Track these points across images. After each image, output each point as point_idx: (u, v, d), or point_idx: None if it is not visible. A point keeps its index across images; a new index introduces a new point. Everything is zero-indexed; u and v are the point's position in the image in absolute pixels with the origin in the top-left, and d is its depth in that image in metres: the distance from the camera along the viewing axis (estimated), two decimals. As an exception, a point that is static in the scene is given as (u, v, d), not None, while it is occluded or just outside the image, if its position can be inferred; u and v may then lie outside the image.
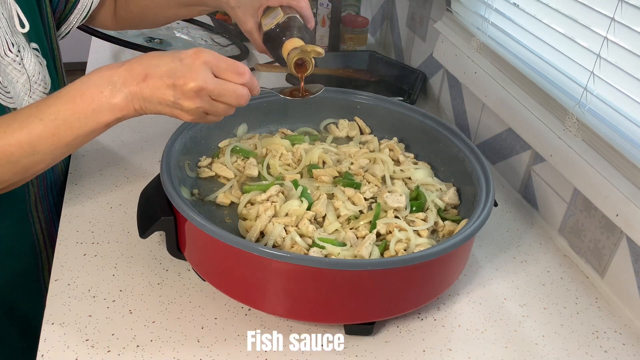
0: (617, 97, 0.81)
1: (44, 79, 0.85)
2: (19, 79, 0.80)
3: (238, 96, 0.70)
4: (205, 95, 0.68)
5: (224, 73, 0.69)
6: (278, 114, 1.02)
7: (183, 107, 0.68)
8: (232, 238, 0.67)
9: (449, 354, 0.73)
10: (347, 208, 0.83)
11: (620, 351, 0.75)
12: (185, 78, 0.66)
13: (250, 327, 0.74)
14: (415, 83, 1.31)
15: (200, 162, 0.92)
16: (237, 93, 0.69)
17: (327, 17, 1.45)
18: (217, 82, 0.68)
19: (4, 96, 0.78)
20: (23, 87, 0.81)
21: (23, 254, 0.91)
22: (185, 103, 0.68)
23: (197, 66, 0.67)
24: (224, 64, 0.69)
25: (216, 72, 0.68)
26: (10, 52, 0.79)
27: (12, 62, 0.79)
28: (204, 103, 0.68)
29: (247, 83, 0.70)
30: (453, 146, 0.92)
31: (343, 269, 0.67)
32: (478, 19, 1.13)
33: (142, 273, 0.80)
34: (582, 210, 0.89)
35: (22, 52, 0.81)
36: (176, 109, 0.69)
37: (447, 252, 0.70)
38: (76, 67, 1.02)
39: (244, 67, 0.71)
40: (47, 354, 0.68)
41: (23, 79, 0.81)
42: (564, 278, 0.87)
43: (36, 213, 0.91)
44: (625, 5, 0.77)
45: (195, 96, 0.67)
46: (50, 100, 0.68)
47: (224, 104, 0.70)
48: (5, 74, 0.78)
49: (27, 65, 0.81)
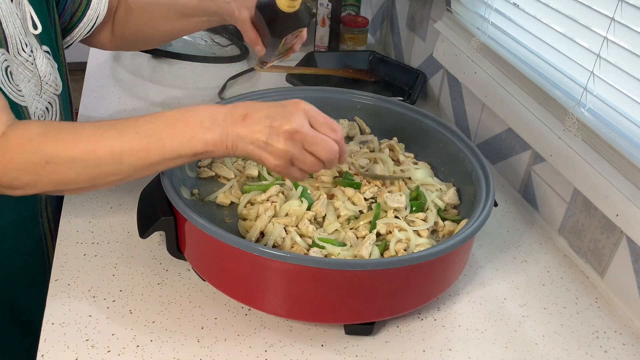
0: (617, 97, 0.81)
1: (55, 81, 0.86)
2: (30, 78, 0.81)
3: (329, 150, 0.68)
4: (298, 141, 0.67)
5: (320, 126, 0.69)
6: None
7: (273, 148, 0.67)
8: (232, 238, 0.67)
9: (449, 354, 0.73)
10: (347, 208, 0.83)
11: (620, 351, 0.75)
12: (283, 120, 0.66)
13: (250, 327, 0.74)
14: (415, 83, 1.31)
15: (200, 162, 0.92)
16: (329, 146, 0.68)
17: (327, 17, 1.45)
18: (312, 130, 0.68)
19: (17, 94, 0.79)
20: (34, 87, 0.82)
21: (29, 253, 0.91)
22: (276, 144, 0.67)
23: (296, 112, 0.67)
24: (322, 117, 0.69)
25: (312, 123, 0.68)
26: (24, 52, 0.80)
27: (24, 62, 0.80)
28: (294, 148, 0.67)
29: (339, 142, 0.70)
30: (453, 146, 0.92)
31: (343, 269, 0.67)
32: (478, 19, 1.13)
33: (142, 273, 0.80)
34: (582, 210, 0.89)
35: (34, 52, 0.82)
36: (265, 151, 0.68)
37: (447, 252, 0.70)
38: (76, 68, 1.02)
39: (339, 126, 0.71)
40: (47, 354, 0.68)
41: (35, 79, 0.82)
42: (564, 278, 0.87)
43: (45, 213, 0.91)
44: (625, 5, 0.77)
45: (288, 137, 0.67)
46: (151, 118, 0.69)
47: (313, 156, 0.68)
48: (18, 72, 0.79)
49: (39, 66, 0.83)
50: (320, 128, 0.69)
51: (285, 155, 0.67)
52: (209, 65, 1.40)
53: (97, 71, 1.35)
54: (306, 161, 0.69)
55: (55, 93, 0.87)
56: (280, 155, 0.67)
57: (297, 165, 0.69)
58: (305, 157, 0.68)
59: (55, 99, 0.87)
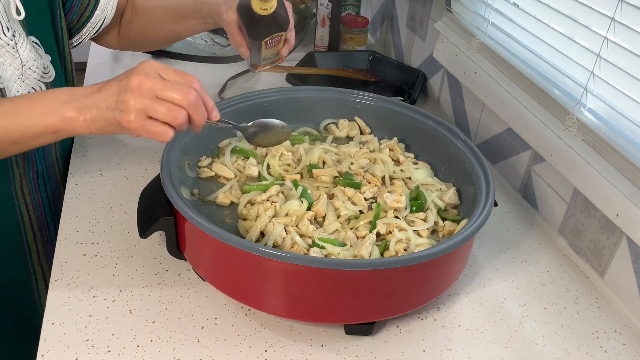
0: (617, 97, 0.81)
1: (41, 68, 0.87)
2: (11, 62, 0.82)
3: (185, 92, 0.67)
4: (148, 90, 0.67)
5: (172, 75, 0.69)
6: (278, 114, 1.02)
7: (125, 104, 0.67)
8: (232, 238, 0.67)
9: (449, 354, 0.73)
10: (347, 208, 0.83)
11: (620, 351, 0.75)
12: (130, 77, 0.67)
13: (250, 327, 0.74)
14: (415, 83, 1.32)
15: (200, 162, 0.92)
16: (184, 88, 0.67)
17: (327, 17, 1.45)
18: (161, 78, 0.68)
19: None
20: (15, 72, 0.83)
21: (8, 233, 0.93)
22: (127, 99, 0.66)
23: (141, 67, 0.68)
24: (172, 70, 0.70)
25: (162, 74, 0.69)
26: (4, 36, 0.81)
27: (5, 46, 0.81)
28: (146, 98, 0.66)
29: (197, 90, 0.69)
30: (453, 146, 0.92)
31: (343, 269, 0.67)
32: (478, 19, 1.13)
33: (142, 273, 0.80)
34: (582, 210, 0.89)
35: (16, 37, 0.83)
36: (119, 110, 0.67)
37: (447, 252, 0.70)
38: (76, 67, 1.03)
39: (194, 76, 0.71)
40: (47, 354, 0.68)
41: (16, 63, 0.83)
42: (564, 278, 0.87)
43: (21, 194, 0.93)
44: (625, 5, 0.77)
45: (136, 89, 0.66)
46: (14, 98, 0.73)
47: (168, 102, 0.67)
48: None
49: (21, 51, 0.84)
50: (172, 77, 0.69)
51: (138, 108, 0.66)
52: (209, 65, 1.40)
53: (97, 71, 1.36)
54: (162, 110, 0.67)
55: (42, 80, 0.88)
56: (134, 109, 0.66)
57: (155, 117, 0.67)
58: (160, 105, 0.67)
59: (41, 85, 0.89)
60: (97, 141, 1.07)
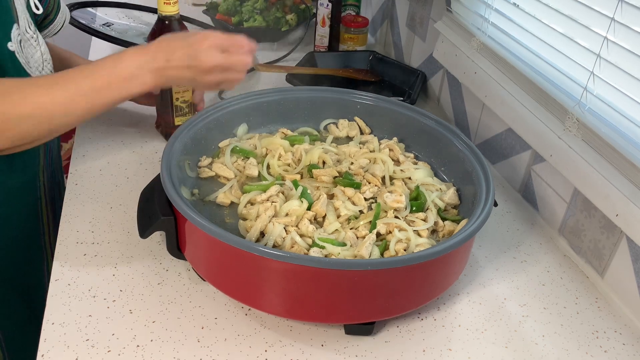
0: (617, 97, 0.81)
1: (49, 60, 0.92)
2: (33, 54, 0.87)
3: (244, 64, 0.86)
4: (218, 69, 0.83)
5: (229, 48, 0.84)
6: (278, 114, 1.02)
7: (203, 80, 0.83)
8: (232, 238, 0.67)
9: (449, 354, 0.73)
10: (347, 208, 0.83)
11: (620, 351, 0.75)
12: (199, 60, 0.81)
13: (250, 327, 0.74)
14: (415, 83, 1.31)
15: (200, 162, 0.92)
16: (242, 63, 0.85)
17: (327, 17, 1.45)
18: (224, 57, 0.83)
19: (26, 66, 0.85)
20: (37, 62, 0.88)
21: (27, 214, 0.97)
22: (203, 78, 0.83)
23: (205, 49, 0.81)
24: (227, 42, 0.84)
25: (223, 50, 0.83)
26: (30, 30, 0.87)
27: (30, 39, 0.87)
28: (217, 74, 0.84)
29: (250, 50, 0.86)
30: (453, 146, 0.92)
31: (343, 269, 0.67)
32: (478, 19, 1.13)
33: (142, 273, 0.80)
34: (582, 210, 0.89)
35: (36, 33, 0.89)
36: (196, 82, 0.84)
37: (447, 252, 0.70)
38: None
39: (243, 38, 0.86)
40: (47, 354, 0.68)
41: (37, 55, 0.88)
42: (564, 278, 0.87)
43: (43, 177, 0.98)
44: (625, 5, 0.77)
45: (210, 71, 0.83)
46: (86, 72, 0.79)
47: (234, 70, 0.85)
48: (27, 46, 0.86)
49: (41, 43, 0.90)
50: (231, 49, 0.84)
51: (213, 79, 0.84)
52: (209, 65, 1.40)
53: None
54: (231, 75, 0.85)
55: (51, 70, 0.93)
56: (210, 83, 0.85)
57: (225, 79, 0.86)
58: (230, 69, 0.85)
59: None
60: (97, 141, 1.07)
